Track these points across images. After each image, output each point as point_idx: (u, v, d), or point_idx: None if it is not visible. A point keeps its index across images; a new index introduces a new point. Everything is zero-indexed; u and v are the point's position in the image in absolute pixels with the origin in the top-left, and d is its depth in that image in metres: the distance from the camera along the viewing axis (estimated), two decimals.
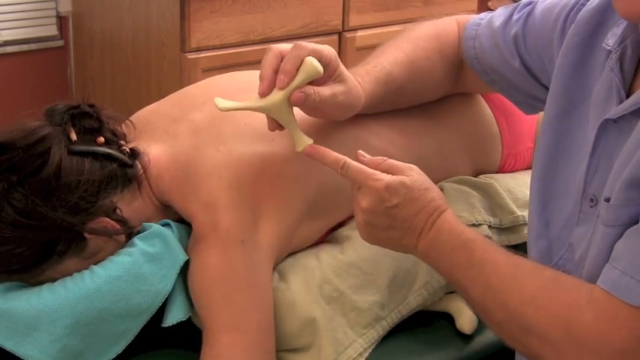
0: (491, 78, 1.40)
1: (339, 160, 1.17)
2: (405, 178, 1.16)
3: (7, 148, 1.20)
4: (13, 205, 1.18)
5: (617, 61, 1.11)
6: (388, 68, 1.35)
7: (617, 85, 1.10)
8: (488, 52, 1.37)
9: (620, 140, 1.06)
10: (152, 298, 1.22)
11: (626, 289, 0.98)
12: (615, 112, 1.08)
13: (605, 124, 1.10)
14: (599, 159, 1.12)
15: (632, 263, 0.99)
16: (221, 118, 1.32)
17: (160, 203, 1.31)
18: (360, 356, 1.29)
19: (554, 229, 1.19)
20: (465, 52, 1.41)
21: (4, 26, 2.87)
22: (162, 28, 2.54)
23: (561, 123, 1.20)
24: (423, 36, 1.41)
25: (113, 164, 1.25)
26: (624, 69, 1.11)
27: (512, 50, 1.34)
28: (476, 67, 1.41)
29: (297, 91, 1.19)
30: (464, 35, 1.41)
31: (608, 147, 1.10)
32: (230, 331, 1.20)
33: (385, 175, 1.16)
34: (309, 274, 1.31)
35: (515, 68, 1.34)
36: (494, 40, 1.36)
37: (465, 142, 1.50)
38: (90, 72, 2.93)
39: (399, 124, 1.43)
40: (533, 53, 1.31)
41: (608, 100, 1.11)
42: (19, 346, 1.17)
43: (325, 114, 1.28)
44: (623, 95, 1.09)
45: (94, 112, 1.28)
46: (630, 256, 1.00)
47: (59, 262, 1.22)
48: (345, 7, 2.73)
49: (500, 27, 1.35)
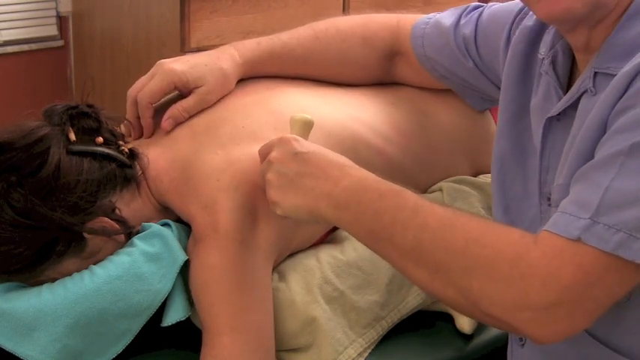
0: (441, 74, 1.45)
1: None
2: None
3: (6, 148, 1.20)
4: (12, 205, 1.18)
5: (550, 64, 1.14)
6: (284, 40, 1.45)
7: (554, 84, 1.12)
8: (440, 51, 1.42)
9: (566, 136, 1.08)
10: (152, 297, 1.22)
11: (565, 224, 0.97)
12: (556, 109, 1.11)
13: (549, 122, 1.13)
14: (549, 158, 1.14)
15: (571, 203, 0.99)
16: (219, 122, 1.32)
17: (159, 204, 1.31)
18: (360, 356, 1.29)
19: None
20: (414, 50, 1.46)
21: (4, 26, 2.87)
22: (162, 28, 2.54)
23: (513, 128, 1.23)
24: (346, 21, 1.52)
25: (112, 164, 1.25)
26: (558, 72, 1.14)
27: (464, 52, 1.38)
28: (425, 65, 1.46)
29: (164, 122, 1.33)
30: (412, 33, 1.46)
31: (555, 145, 1.13)
32: (230, 332, 1.20)
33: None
34: (309, 274, 1.31)
35: (468, 67, 1.39)
36: (445, 40, 1.41)
37: (462, 141, 1.51)
38: (90, 72, 2.92)
39: (397, 123, 1.43)
40: (484, 57, 1.36)
41: (548, 101, 1.14)
42: (19, 346, 1.17)
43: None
44: (561, 93, 1.12)
45: (93, 112, 1.28)
46: (571, 197, 1.00)
47: (58, 262, 1.22)
48: (345, 7, 2.73)
49: (450, 27, 1.40)
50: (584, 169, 1.00)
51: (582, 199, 0.97)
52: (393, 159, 1.40)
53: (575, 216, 0.97)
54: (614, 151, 0.96)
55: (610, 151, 0.97)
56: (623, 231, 0.94)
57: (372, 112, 1.42)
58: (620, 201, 0.95)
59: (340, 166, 1.12)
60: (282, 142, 1.16)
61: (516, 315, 0.98)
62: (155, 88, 1.35)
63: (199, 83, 1.35)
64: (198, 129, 1.33)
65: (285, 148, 1.15)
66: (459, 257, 1.01)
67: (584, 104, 1.07)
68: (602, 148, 0.99)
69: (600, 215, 0.95)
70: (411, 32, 1.46)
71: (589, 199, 0.96)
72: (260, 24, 2.57)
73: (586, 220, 0.96)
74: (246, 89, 1.40)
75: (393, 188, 1.08)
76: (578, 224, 0.96)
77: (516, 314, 0.98)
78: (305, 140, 1.17)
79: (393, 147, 1.40)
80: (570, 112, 1.09)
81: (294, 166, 1.13)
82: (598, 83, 1.05)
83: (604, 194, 0.95)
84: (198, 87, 1.35)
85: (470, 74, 1.40)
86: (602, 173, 0.97)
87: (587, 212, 0.96)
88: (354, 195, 1.09)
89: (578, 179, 1.01)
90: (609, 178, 0.96)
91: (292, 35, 1.47)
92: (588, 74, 1.06)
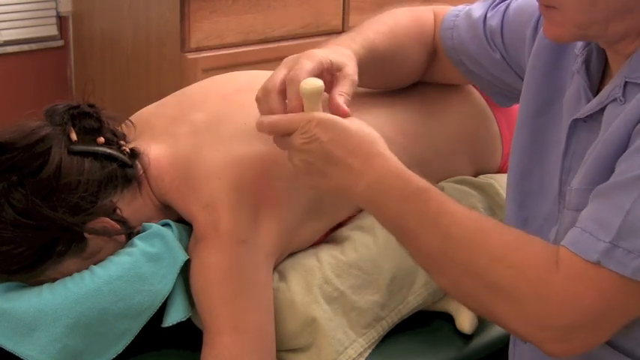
0: (467, 68, 1.41)
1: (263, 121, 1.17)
2: (338, 117, 1.14)
3: (7, 148, 1.20)
4: (13, 205, 1.18)
5: (583, 64, 1.13)
6: (372, 36, 1.35)
7: (584, 86, 1.12)
8: (468, 43, 1.39)
9: (591, 139, 1.08)
10: (152, 298, 1.22)
11: (584, 245, 0.98)
12: (583, 111, 1.10)
13: (575, 124, 1.12)
14: (571, 159, 1.13)
15: (591, 221, 0.99)
16: (220, 119, 1.32)
17: (160, 203, 1.31)
18: (360, 356, 1.29)
19: (533, 227, 1.20)
20: (442, 42, 1.42)
21: (4, 26, 2.87)
22: (162, 28, 2.54)
23: (536, 121, 1.22)
24: (403, 16, 1.42)
25: (113, 164, 1.25)
26: (591, 71, 1.13)
27: (491, 43, 1.36)
28: (453, 57, 1.42)
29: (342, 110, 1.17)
30: (442, 25, 1.42)
31: (579, 146, 1.12)
32: (231, 332, 1.20)
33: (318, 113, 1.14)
34: (309, 274, 1.31)
35: (495, 59, 1.36)
36: (474, 32, 1.38)
37: (465, 143, 1.51)
38: (90, 72, 2.92)
39: (399, 123, 1.43)
40: (510, 49, 1.33)
41: (578, 101, 1.13)
42: (19, 346, 1.17)
43: None
44: (590, 95, 1.11)
45: (94, 112, 1.28)
46: (591, 214, 1.00)
47: (59, 262, 1.22)
48: (345, 7, 2.73)
49: (479, 19, 1.37)
50: (606, 186, 1.00)
51: (603, 220, 0.98)
52: None
53: (595, 237, 0.98)
54: (637, 174, 0.96)
55: (633, 172, 0.97)
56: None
57: (373, 113, 1.41)
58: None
59: (363, 155, 1.11)
60: (305, 128, 1.12)
61: (536, 333, 1.01)
62: (309, 68, 1.19)
63: (341, 66, 1.25)
64: (199, 126, 1.32)
65: (308, 136, 1.12)
66: (482, 275, 1.03)
67: (611, 111, 1.06)
68: (623, 164, 1.00)
69: (621, 239, 0.96)
70: (441, 24, 1.43)
71: (610, 221, 0.97)
72: (260, 24, 2.57)
73: (606, 244, 0.97)
74: (248, 84, 1.40)
75: (414, 190, 1.08)
76: (597, 247, 0.97)
77: (536, 333, 1.01)
78: (324, 121, 1.13)
79: (395, 148, 1.39)
80: (597, 116, 1.08)
81: (319, 157, 1.12)
82: (628, 92, 1.04)
83: (625, 217, 0.96)
84: (340, 70, 1.24)
85: (497, 66, 1.36)
86: (624, 195, 0.97)
87: (607, 235, 0.97)
88: (376, 194, 1.10)
89: (598, 195, 1.01)
90: (631, 201, 0.96)
91: (376, 30, 1.37)
92: (618, 82, 1.05)
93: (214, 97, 1.38)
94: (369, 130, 1.14)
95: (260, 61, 2.51)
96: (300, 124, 1.13)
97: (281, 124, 1.15)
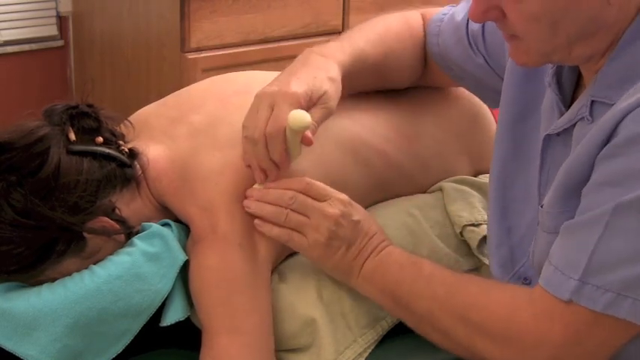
0: (455, 73, 1.42)
1: (302, 180, 1.22)
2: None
3: (6, 148, 1.20)
4: (13, 205, 1.18)
5: (554, 76, 1.13)
6: (362, 45, 1.35)
7: (556, 99, 1.12)
8: (452, 48, 1.39)
9: (566, 152, 1.09)
10: (152, 297, 1.22)
11: (557, 284, 1.02)
12: (555, 127, 1.12)
13: (549, 137, 1.14)
14: (548, 172, 1.15)
15: (561, 259, 1.02)
16: (218, 122, 1.32)
17: (159, 204, 1.31)
18: (360, 356, 1.28)
19: (516, 236, 1.22)
20: (429, 48, 1.42)
21: (4, 26, 2.87)
22: (162, 29, 2.54)
23: (517, 129, 1.23)
24: (394, 22, 1.42)
25: (112, 164, 1.25)
26: (562, 83, 1.13)
27: (474, 47, 1.36)
28: (440, 63, 1.42)
29: (305, 139, 1.20)
30: (428, 31, 1.42)
31: (555, 160, 1.13)
32: (229, 333, 1.20)
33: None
34: (309, 275, 1.31)
35: (479, 63, 1.36)
36: (457, 37, 1.38)
37: (464, 143, 1.50)
38: (90, 72, 2.92)
39: (397, 123, 1.43)
40: (492, 53, 1.34)
41: (551, 114, 1.14)
42: (19, 346, 1.17)
43: None
44: (563, 109, 1.12)
45: (93, 112, 1.28)
46: (561, 251, 1.03)
47: (58, 262, 1.22)
48: (345, 7, 2.73)
49: (462, 22, 1.37)
50: (571, 224, 1.03)
51: (570, 258, 1.01)
52: (394, 161, 1.40)
53: (567, 275, 1.01)
54: (599, 212, 0.98)
55: (593, 212, 0.99)
56: (611, 291, 0.98)
57: (373, 113, 1.41)
58: (607, 262, 0.98)
59: (381, 238, 1.23)
60: (340, 203, 1.21)
61: None
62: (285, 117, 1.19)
63: (319, 94, 1.24)
64: (197, 127, 1.32)
65: (344, 212, 1.21)
66: (461, 322, 1.10)
67: (579, 129, 1.07)
68: (586, 198, 1.01)
69: (589, 276, 0.99)
70: (427, 30, 1.42)
71: (577, 260, 1.00)
72: (260, 24, 2.57)
73: (576, 282, 1.00)
74: (246, 86, 1.39)
75: (411, 260, 1.19)
76: (568, 286, 1.00)
77: None
78: (354, 203, 1.23)
79: (394, 149, 1.40)
80: (570, 129, 1.09)
81: (349, 233, 1.21)
82: (595, 111, 1.05)
83: (591, 256, 0.99)
84: (319, 97, 1.24)
85: (481, 71, 1.37)
86: (588, 233, 0.99)
87: (576, 273, 1.00)
88: (378, 269, 1.20)
89: (566, 232, 1.03)
90: (595, 239, 0.98)
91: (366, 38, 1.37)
92: (585, 102, 1.06)
93: (212, 99, 1.38)
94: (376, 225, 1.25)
95: (260, 61, 2.51)
96: (332, 194, 1.21)
97: (316, 184, 1.22)
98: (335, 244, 1.21)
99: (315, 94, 1.22)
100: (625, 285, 0.97)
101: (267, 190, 1.23)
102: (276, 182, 1.23)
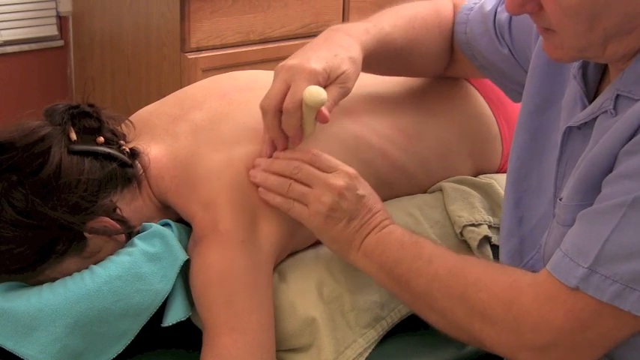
0: (481, 63, 1.41)
1: (309, 151, 1.23)
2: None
3: (7, 148, 1.20)
4: (13, 205, 1.18)
5: (580, 69, 1.13)
6: (387, 29, 1.35)
7: (580, 92, 1.12)
8: (479, 38, 1.39)
9: (584, 145, 1.09)
10: (152, 297, 1.22)
11: (565, 270, 1.01)
12: (577, 119, 1.11)
13: (570, 130, 1.13)
14: (565, 165, 1.15)
15: (573, 246, 1.02)
16: (221, 118, 1.32)
17: (160, 203, 1.31)
18: (360, 356, 1.29)
19: (527, 227, 1.21)
20: (456, 36, 1.42)
21: (4, 26, 2.87)
22: (162, 28, 2.54)
23: (536, 120, 1.23)
24: (424, 8, 1.42)
25: (113, 164, 1.25)
26: (588, 76, 1.13)
27: (500, 38, 1.35)
28: (466, 52, 1.42)
29: (321, 115, 1.20)
30: (456, 19, 1.42)
31: (573, 153, 1.13)
32: (230, 332, 1.20)
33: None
34: (309, 274, 1.31)
35: (504, 55, 1.36)
36: (485, 26, 1.37)
37: (465, 143, 1.50)
38: (90, 72, 2.92)
39: (399, 123, 1.43)
40: (517, 45, 1.33)
41: (574, 106, 1.13)
42: (19, 346, 1.17)
43: None
44: (586, 102, 1.11)
45: (94, 111, 1.28)
46: (573, 238, 1.03)
47: (59, 262, 1.22)
48: (345, 7, 2.73)
49: (490, 13, 1.37)
50: (588, 212, 1.02)
51: (582, 246, 1.00)
52: (396, 160, 1.40)
53: (576, 262, 1.00)
54: (617, 202, 0.98)
55: (613, 200, 0.99)
56: (619, 282, 0.98)
57: (375, 112, 1.41)
58: (618, 253, 0.98)
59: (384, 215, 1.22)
60: (346, 176, 1.22)
61: (516, 354, 1.06)
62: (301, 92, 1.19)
63: (337, 73, 1.23)
64: (199, 125, 1.32)
65: (350, 185, 1.21)
66: (460, 303, 1.09)
67: (601, 122, 1.06)
68: (607, 187, 1.01)
69: (598, 265, 0.99)
70: (455, 18, 1.42)
71: (589, 248, 1.00)
72: (260, 24, 2.57)
73: (584, 270, 0.99)
74: (248, 83, 1.39)
75: (413, 239, 1.18)
76: (577, 273, 1.00)
77: (516, 353, 1.05)
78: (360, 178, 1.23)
79: (395, 148, 1.40)
80: (591, 123, 1.09)
81: (353, 206, 1.21)
82: (619, 105, 1.04)
83: (603, 245, 0.98)
84: (338, 77, 1.24)
85: (506, 62, 1.36)
86: (603, 222, 0.99)
87: (585, 261, 1.00)
88: (379, 246, 1.19)
89: (582, 219, 1.03)
90: (610, 229, 0.98)
91: (393, 22, 1.36)
92: (610, 95, 1.05)
93: (214, 96, 1.38)
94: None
95: (260, 61, 2.51)
96: (339, 166, 1.22)
97: (323, 155, 1.23)
98: (336, 215, 1.20)
99: (334, 72, 1.22)
100: (634, 277, 0.97)
101: (273, 159, 1.24)
102: (283, 152, 1.24)
